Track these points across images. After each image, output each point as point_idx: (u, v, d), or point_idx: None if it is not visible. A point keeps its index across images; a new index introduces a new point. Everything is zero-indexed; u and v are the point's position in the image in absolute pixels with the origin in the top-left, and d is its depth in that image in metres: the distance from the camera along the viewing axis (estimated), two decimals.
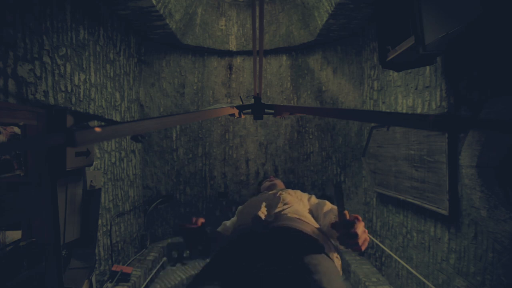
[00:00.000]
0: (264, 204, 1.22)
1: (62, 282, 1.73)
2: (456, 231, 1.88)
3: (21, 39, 1.71)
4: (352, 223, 0.80)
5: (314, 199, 1.37)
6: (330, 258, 0.96)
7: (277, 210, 1.15)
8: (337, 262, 1.04)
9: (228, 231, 1.35)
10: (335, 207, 1.20)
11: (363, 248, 0.82)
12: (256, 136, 4.27)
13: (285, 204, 1.21)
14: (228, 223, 1.41)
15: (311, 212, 1.28)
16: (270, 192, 1.42)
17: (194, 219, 1.11)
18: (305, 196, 1.40)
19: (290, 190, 1.41)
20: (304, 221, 1.10)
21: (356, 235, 0.79)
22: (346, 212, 0.83)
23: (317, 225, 1.15)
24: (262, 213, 1.15)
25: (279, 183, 1.75)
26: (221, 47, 4.04)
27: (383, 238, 2.91)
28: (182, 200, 4.02)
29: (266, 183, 1.75)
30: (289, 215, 1.11)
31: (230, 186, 4.22)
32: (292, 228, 1.03)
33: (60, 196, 1.81)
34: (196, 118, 0.97)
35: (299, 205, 1.25)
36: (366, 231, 0.84)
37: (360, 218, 0.83)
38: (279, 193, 1.34)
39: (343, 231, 0.81)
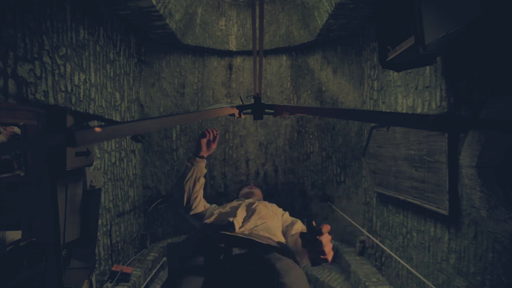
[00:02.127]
0: (240, 212, 1.24)
1: (62, 282, 1.73)
2: (456, 231, 1.88)
3: (21, 39, 1.71)
4: (319, 231, 0.81)
5: (287, 217, 1.40)
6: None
7: (250, 224, 1.17)
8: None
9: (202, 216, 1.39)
10: (304, 228, 1.23)
11: (329, 258, 0.83)
12: (256, 136, 4.27)
13: (259, 218, 1.22)
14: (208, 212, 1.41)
15: (282, 230, 1.30)
16: (247, 200, 1.42)
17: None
18: (279, 211, 1.42)
19: (266, 203, 1.43)
20: (273, 240, 1.13)
21: (320, 243, 0.80)
22: (313, 222, 0.85)
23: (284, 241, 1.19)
24: (237, 222, 1.16)
25: (258, 192, 1.77)
26: (221, 47, 4.04)
27: (383, 238, 2.91)
28: None
29: (245, 190, 1.78)
30: (260, 232, 1.13)
31: (230, 186, 4.22)
32: (260, 242, 1.07)
33: (60, 196, 1.81)
34: (196, 118, 0.97)
35: (273, 220, 1.27)
36: (331, 245, 0.85)
37: (328, 228, 0.83)
38: (255, 204, 1.35)
39: (310, 237, 0.82)
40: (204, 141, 1.38)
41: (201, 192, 1.42)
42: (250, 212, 1.27)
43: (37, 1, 1.85)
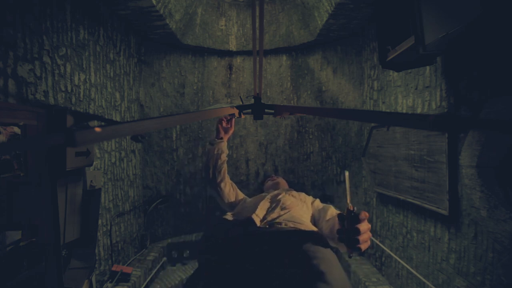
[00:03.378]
0: (262, 205, 1.21)
1: (62, 282, 1.73)
2: (456, 231, 1.88)
3: (21, 39, 1.71)
4: (357, 218, 0.77)
5: (318, 203, 1.34)
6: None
7: (272, 216, 1.13)
8: None
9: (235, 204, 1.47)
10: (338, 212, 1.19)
11: (362, 248, 0.78)
12: (256, 136, 4.27)
13: (282, 209, 1.17)
14: (243, 203, 1.42)
15: (313, 217, 1.24)
16: (275, 192, 1.40)
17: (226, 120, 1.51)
18: (309, 199, 1.37)
19: (294, 192, 1.39)
20: (298, 228, 1.07)
21: (358, 231, 0.76)
22: (351, 206, 0.80)
23: (314, 229, 1.12)
24: (257, 217, 1.12)
25: (282, 181, 1.73)
26: (221, 47, 4.04)
27: (383, 238, 2.91)
28: (182, 200, 4.02)
29: (269, 183, 1.75)
30: (283, 225, 1.08)
31: None
32: (284, 230, 1.02)
33: (60, 196, 1.81)
34: (196, 118, 0.97)
35: (301, 209, 1.22)
36: (370, 234, 0.80)
37: (367, 215, 0.79)
38: (281, 195, 1.31)
39: (347, 224, 0.78)
40: (220, 126, 1.53)
41: (225, 167, 1.51)
42: (275, 203, 1.22)
43: (37, 1, 1.85)
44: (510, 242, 1.46)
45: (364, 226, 0.78)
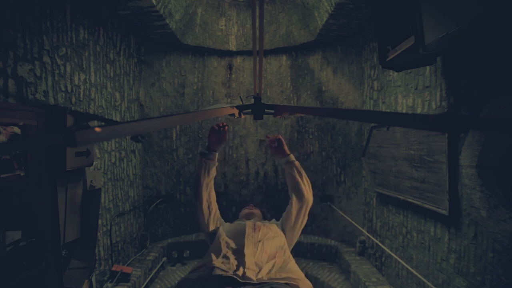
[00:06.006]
0: (248, 257, 1.12)
1: (62, 282, 1.74)
2: (456, 231, 1.88)
3: (21, 39, 1.71)
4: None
5: (280, 222, 1.47)
6: None
7: (264, 271, 1.07)
8: None
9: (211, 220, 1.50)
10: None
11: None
12: (256, 136, 4.27)
13: (268, 258, 1.14)
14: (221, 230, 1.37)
15: (283, 229, 1.40)
16: (251, 223, 1.36)
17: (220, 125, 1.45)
18: (277, 227, 1.40)
19: (267, 224, 1.38)
20: (291, 277, 1.07)
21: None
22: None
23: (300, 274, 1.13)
24: (252, 271, 1.05)
25: (257, 212, 1.71)
26: (221, 47, 4.04)
27: (383, 238, 2.91)
28: (182, 200, 4.02)
29: (245, 211, 1.74)
30: (277, 275, 1.06)
31: (230, 186, 4.22)
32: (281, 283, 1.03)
33: (60, 196, 1.81)
34: (196, 118, 0.97)
35: (278, 240, 1.26)
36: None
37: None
38: (260, 231, 1.28)
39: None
40: (211, 136, 1.45)
41: (211, 184, 1.53)
42: (258, 246, 1.19)
43: (37, 1, 1.85)
44: (510, 242, 1.46)
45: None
